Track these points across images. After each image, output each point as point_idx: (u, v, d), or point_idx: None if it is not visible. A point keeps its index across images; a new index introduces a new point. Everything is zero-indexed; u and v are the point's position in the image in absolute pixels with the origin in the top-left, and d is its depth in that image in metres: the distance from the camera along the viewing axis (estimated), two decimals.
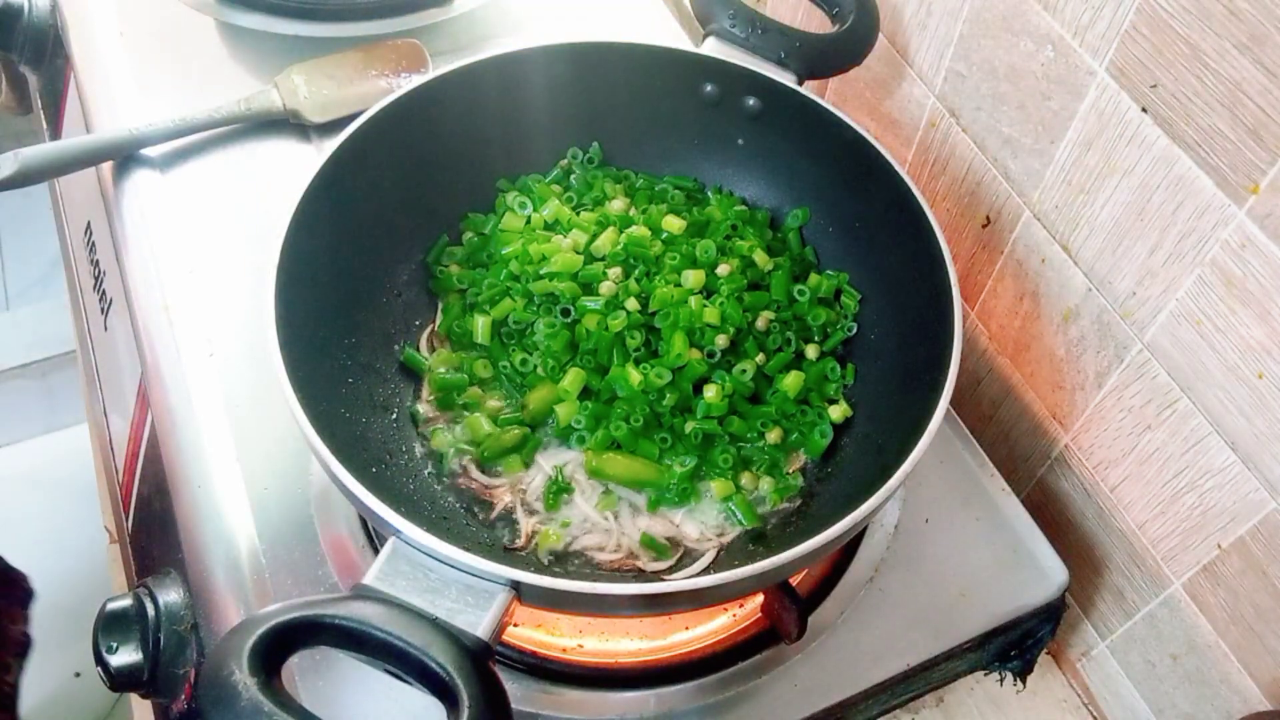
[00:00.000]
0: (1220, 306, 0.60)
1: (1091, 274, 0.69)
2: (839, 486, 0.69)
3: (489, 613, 0.50)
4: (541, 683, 0.66)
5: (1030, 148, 0.71)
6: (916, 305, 0.68)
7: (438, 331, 0.74)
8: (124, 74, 0.91)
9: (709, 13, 0.77)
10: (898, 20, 0.81)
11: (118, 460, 0.88)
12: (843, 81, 0.91)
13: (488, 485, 0.68)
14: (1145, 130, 0.61)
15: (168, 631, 0.66)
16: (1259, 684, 0.65)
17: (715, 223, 0.76)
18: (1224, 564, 0.65)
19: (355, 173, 0.68)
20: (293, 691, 0.56)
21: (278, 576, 0.66)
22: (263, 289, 0.60)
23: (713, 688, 0.66)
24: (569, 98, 0.78)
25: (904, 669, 0.67)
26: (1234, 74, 0.55)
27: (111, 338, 0.89)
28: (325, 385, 0.64)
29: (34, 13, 1.01)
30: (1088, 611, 0.78)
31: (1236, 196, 0.57)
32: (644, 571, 0.66)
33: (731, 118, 0.78)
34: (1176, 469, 0.66)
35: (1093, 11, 0.62)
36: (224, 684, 0.44)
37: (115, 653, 0.65)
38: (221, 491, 0.69)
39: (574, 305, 0.71)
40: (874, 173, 0.71)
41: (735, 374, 0.70)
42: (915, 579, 0.71)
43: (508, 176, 0.79)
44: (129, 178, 0.85)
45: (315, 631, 0.48)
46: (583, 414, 0.68)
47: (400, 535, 0.52)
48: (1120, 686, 0.77)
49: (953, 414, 0.78)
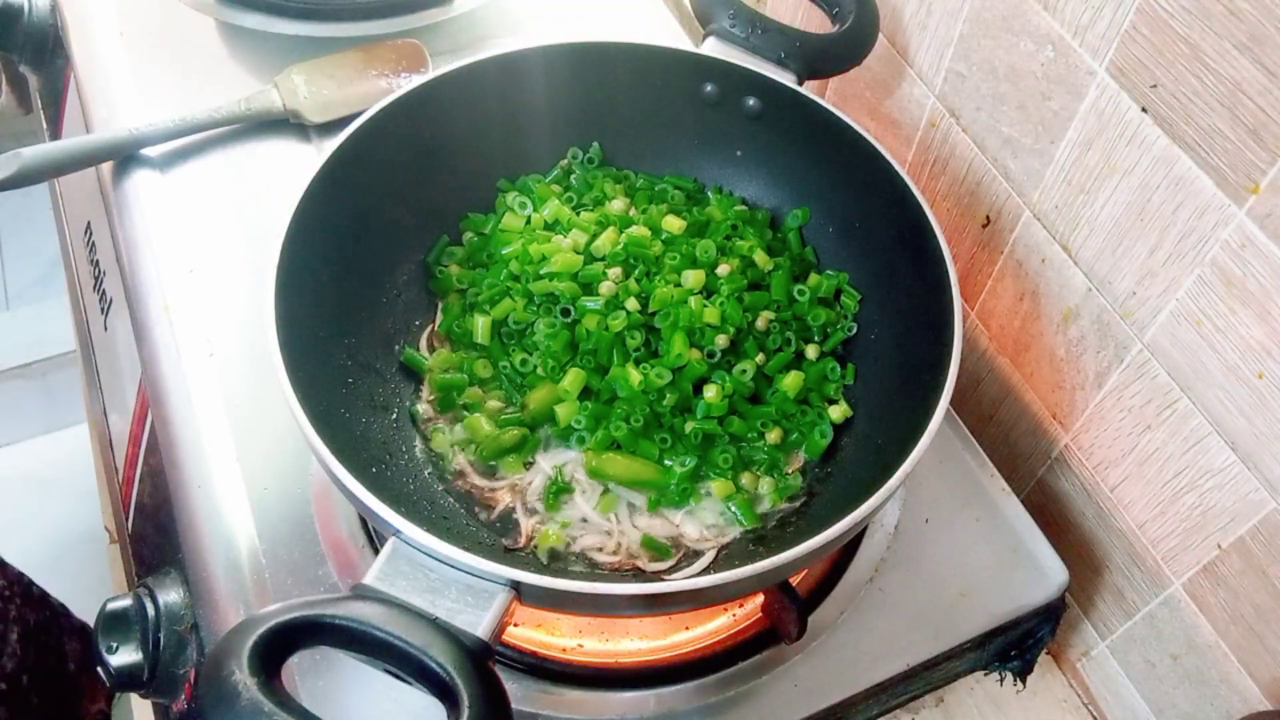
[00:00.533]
0: (1220, 306, 0.60)
1: (1091, 274, 0.69)
2: (839, 486, 0.69)
3: (489, 613, 0.50)
4: (541, 683, 0.66)
5: (1030, 148, 0.71)
6: (916, 305, 0.68)
7: (438, 331, 0.74)
8: (124, 74, 0.91)
9: (709, 13, 0.77)
10: (898, 20, 0.81)
11: (118, 460, 0.88)
12: (843, 81, 0.91)
13: (487, 487, 0.68)
14: (1145, 130, 0.61)
15: (168, 631, 0.66)
16: (1259, 684, 0.65)
17: (715, 223, 0.76)
18: (1224, 564, 0.65)
19: (355, 173, 0.68)
20: (293, 691, 0.56)
21: (278, 576, 0.66)
22: (263, 289, 0.60)
23: (713, 688, 0.66)
24: (569, 98, 0.78)
25: (904, 669, 0.67)
26: (1234, 74, 0.55)
27: (111, 338, 0.89)
28: (325, 385, 0.64)
29: (34, 13, 1.01)
30: (1088, 611, 0.78)
31: (1236, 196, 0.57)
32: (644, 571, 0.66)
33: (731, 118, 0.78)
34: (1176, 469, 0.66)
35: (1093, 11, 0.62)
36: (224, 684, 0.44)
37: (115, 653, 0.65)
38: (221, 491, 0.69)
39: (574, 305, 0.71)
40: (874, 173, 0.71)
41: (735, 374, 0.70)
42: (915, 579, 0.71)
43: (508, 176, 0.79)
44: (129, 178, 0.85)
45: (315, 631, 0.48)
46: (583, 414, 0.68)
47: (400, 535, 0.52)
48: (1120, 686, 0.77)
49: (953, 414, 0.78)
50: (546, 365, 0.70)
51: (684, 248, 0.74)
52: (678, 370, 0.69)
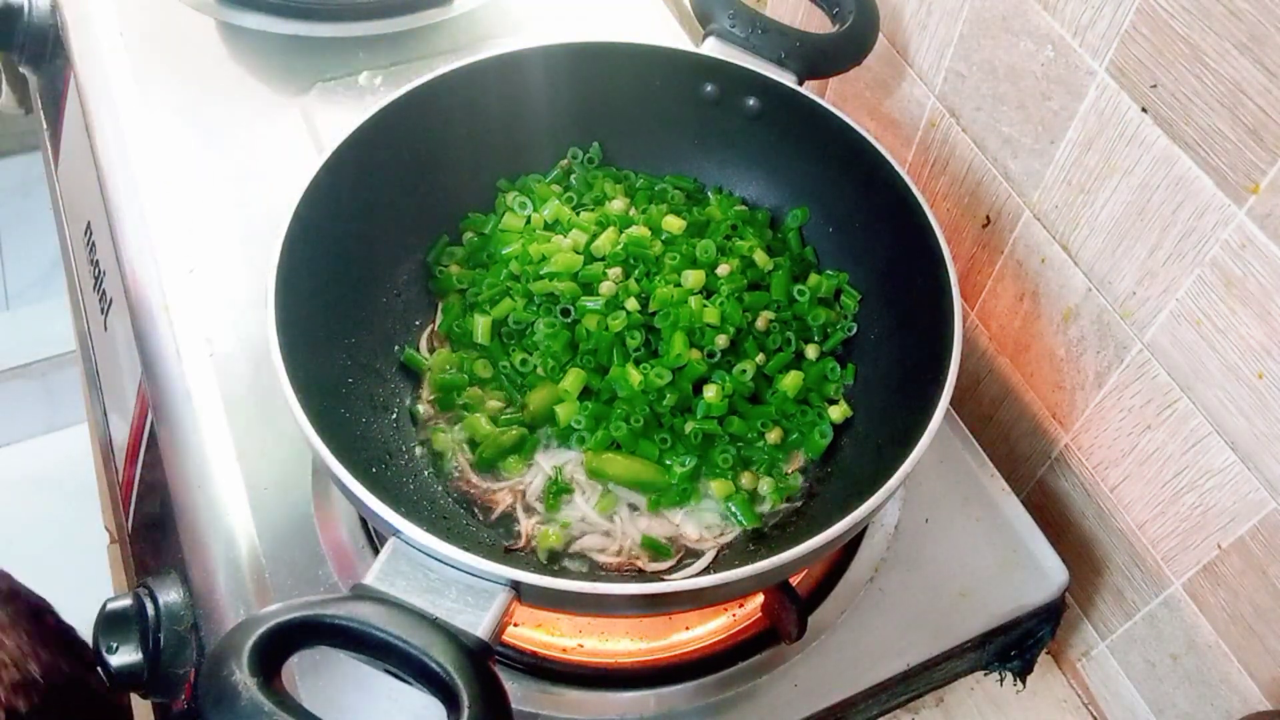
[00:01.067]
0: (1220, 306, 0.60)
1: (1091, 274, 0.69)
2: (839, 486, 0.69)
3: (489, 613, 0.50)
4: (541, 683, 0.65)
5: (1030, 148, 0.71)
6: (917, 306, 0.68)
7: (438, 331, 0.74)
8: (124, 74, 0.91)
9: (709, 13, 0.77)
10: (898, 20, 0.81)
11: (118, 460, 0.88)
12: (843, 81, 0.91)
13: (487, 488, 0.68)
14: (1145, 130, 0.61)
15: (168, 631, 0.66)
16: (1259, 684, 0.65)
17: (715, 223, 0.76)
18: (1224, 564, 0.65)
19: (356, 173, 0.68)
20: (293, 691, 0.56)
21: (278, 576, 0.66)
22: (263, 289, 0.60)
23: (713, 688, 0.66)
24: (569, 98, 0.78)
25: (904, 669, 0.67)
26: (1234, 74, 0.55)
27: (111, 338, 0.89)
28: (325, 385, 0.64)
29: (34, 13, 1.01)
30: (1088, 611, 0.78)
31: (1236, 196, 0.57)
32: (644, 571, 0.66)
33: (731, 118, 0.78)
34: (1176, 469, 0.66)
35: (1093, 11, 0.62)
36: (224, 684, 0.44)
37: (115, 653, 0.65)
38: (221, 491, 0.69)
39: (574, 305, 0.71)
40: (874, 173, 0.71)
41: (735, 374, 0.70)
42: (915, 579, 0.71)
43: (508, 176, 0.79)
44: (129, 178, 0.85)
45: (315, 631, 0.48)
46: (583, 414, 0.68)
47: (400, 535, 0.52)
48: (1120, 686, 0.77)
49: (953, 414, 0.78)
50: (546, 365, 0.70)
51: (684, 248, 0.74)
52: (678, 370, 0.69)
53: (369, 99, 0.89)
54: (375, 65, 0.94)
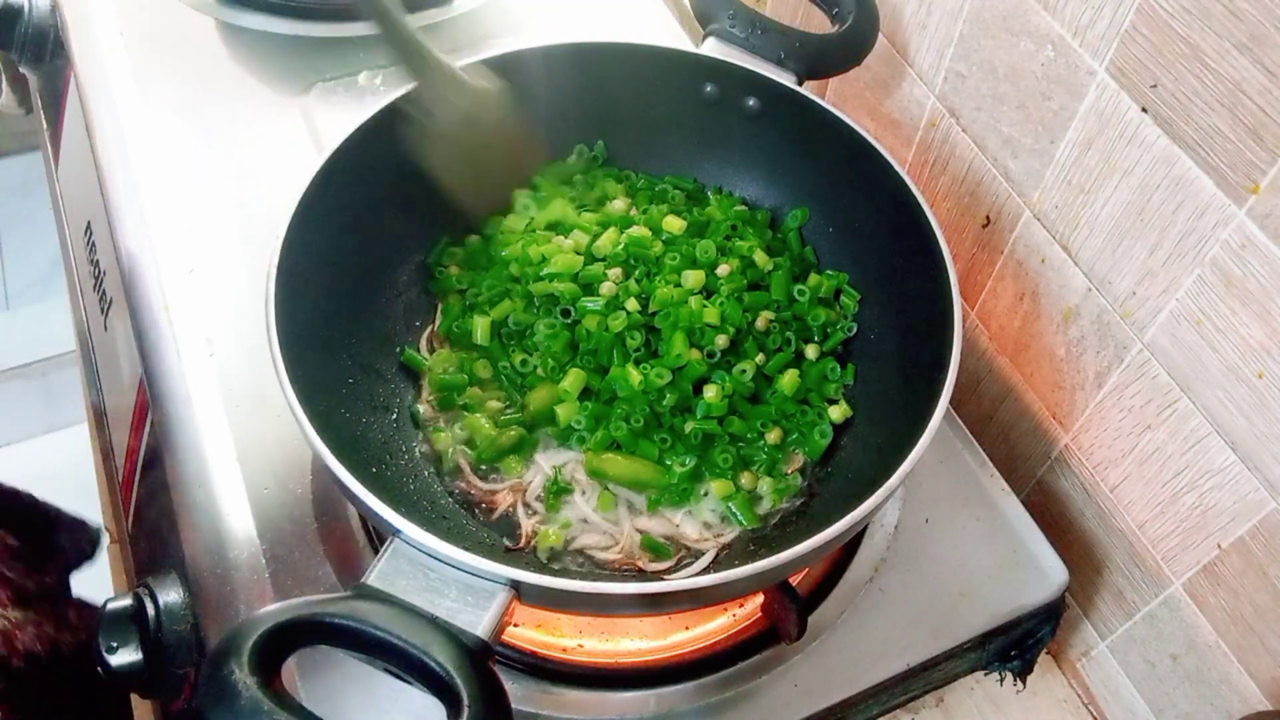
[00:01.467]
0: (1220, 306, 0.60)
1: (1091, 274, 0.69)
2: (839, 486, 0.69)
3: (489, 612, 0.50)
4: (541, 683, 0.66)
5: (1030, 148, 0.71)
6: (916, 305, 0.68)
7: (438, 332, 0.74)
8: (124, 74, 0.91)
9: (709, 13, 0.77)
10: (898, 20, 0.81)
11: (118, 460, 0.88)
12: (843, 81, 0.91)
13: (487, 487, 0.68)
14: (1145, 130, 0.61)
15: (168, 631, 0.66)
16: (1259, 684, 0.65)
17: (715, 223, 0.76)
18: (1224, 564, 0.65)
19: (355, 173, 0.68)
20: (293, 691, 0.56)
21: (278, 576, 0.66)
22: (263, 289, 0.60)
23: (713, 688, 0.66)
24: (569, 98, 0.78)
25: (904, 669, 0.67)
26: (1234, 74, 0.55)
27: (111, 338, 0.89)
28: (325, 385, 0.64)
29: (34, 13, 1.01)
30: (1088, 611, 0.78)
31: (1236, 196, 0.57)
32: (644, 571, 0.66)
33: (731, 118, 0.78)
34: (1176, 469, 0.66)
35: (1093, 11, 0.62)
36: (224, 684, 0.44)
37: (115, 653, 0.65)
38: (221, 491, 0.69)
39: (574, 306, 0.71)
40: (874, 173, 0.71)
41: (735, 374, 0.70)
42: (915, 579, 0.71)
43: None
44: (129, 178, 0.85)
45: (315, 631, 0.48)
46: (583, 414, 0.68)
47: (400, 535, 0.52)
48: (1120, 686, 0.77)
49: (953, 414, 0.78)
50: (546, 366, 0.70)
51: (684, 248, 0.74)
52: (678, 370, 0.69)
53: (369, 99, 0.89)
54: (375, 65, 0.94)
